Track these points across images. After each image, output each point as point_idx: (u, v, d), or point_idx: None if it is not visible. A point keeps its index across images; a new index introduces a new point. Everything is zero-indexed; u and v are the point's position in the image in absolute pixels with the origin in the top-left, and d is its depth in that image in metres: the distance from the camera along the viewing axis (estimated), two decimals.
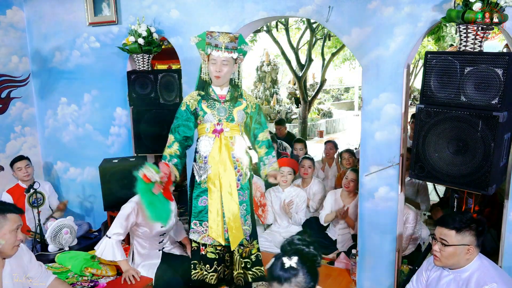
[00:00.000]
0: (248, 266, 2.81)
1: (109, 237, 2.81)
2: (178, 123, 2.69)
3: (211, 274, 2.75)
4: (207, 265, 2.75)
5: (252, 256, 2.83)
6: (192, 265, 2.78)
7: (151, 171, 2.39)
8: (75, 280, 2.91)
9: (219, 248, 2.76)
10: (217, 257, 2.76)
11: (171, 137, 2.69)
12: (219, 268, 2.79)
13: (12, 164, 3.96)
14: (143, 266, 2.96)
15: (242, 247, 2.79)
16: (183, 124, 2.68)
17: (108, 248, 2.80)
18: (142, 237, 2.95)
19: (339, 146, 5.16)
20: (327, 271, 3.33)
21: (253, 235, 2.85)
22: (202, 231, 2.71)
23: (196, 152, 2.73)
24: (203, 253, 2.76)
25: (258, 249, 2.89)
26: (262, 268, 2.84)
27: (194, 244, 2.79)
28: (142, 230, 2.90)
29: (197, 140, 2.74)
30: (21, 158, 3.98)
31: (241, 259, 2.80)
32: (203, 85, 2.71)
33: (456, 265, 2.06)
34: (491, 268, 2.03)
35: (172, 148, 2.65)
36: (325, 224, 3.90)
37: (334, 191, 3.92)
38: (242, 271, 2.81)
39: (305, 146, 5.07)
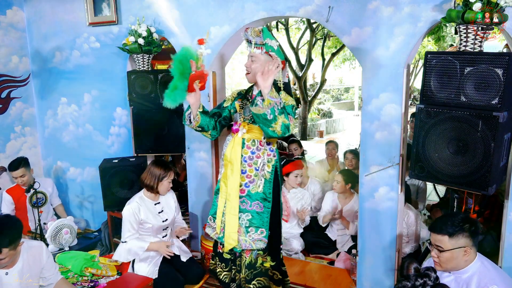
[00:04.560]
0: (249, 276, 2.66)
1: (125, 242, 2.89)
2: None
3: (225, 273, 2.76)
4: (223, 264, 2.76)
5: (262, 268, 2.65)
6: (211, 255, 2.85)
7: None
8: (75, 280, 2.92)
9: (232, 251, 2.69)
10: (232, 257, 2.72)
11: None
12: (234, 269, 2.73)
13: (9, 169, 3.87)
14: (147, 261, 2.98)
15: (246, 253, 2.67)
16: (217, 107, 2.71)
17: (130, 250, 2.88)
18: (147, 233, 3.00)
19: (340, 147, 5.22)
20: (327, 271, 3.32)
21: (266, 250, 2.62)
22: (214, 227, 2.67)
23: None
24: (220, 251, 2.74)
25: (272, 266, 2.66)
26: (262, 279, 2.65)
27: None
28: (146, 226, 2.96)
29: None
30: (16, 167, 3.78)
31: (245, 267, 2.67)
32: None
33: (456, 267, 2.04)
34: (491, 269, 2.02)
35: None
36: (323, 225, 3.90)
37: (332, 192, 3.92)
38: (244, 277, 2.69)
39: (300, 146, 5.13)
